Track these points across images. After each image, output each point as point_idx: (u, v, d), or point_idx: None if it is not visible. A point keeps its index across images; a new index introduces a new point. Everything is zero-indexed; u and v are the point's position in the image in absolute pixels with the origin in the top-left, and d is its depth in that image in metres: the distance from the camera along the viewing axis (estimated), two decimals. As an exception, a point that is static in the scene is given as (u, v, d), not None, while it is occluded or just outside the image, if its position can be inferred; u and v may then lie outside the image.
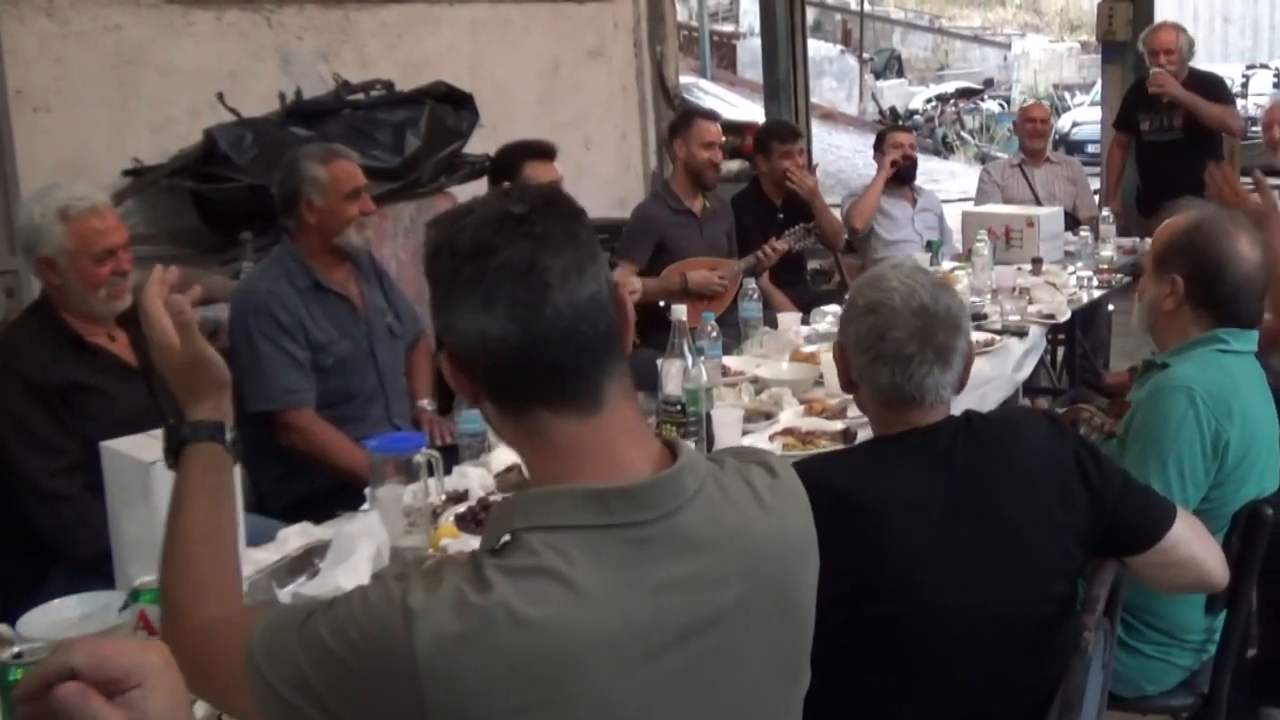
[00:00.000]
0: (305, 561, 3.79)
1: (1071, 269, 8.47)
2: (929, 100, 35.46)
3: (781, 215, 8.66)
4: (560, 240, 2.03)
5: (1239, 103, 25.04)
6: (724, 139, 8.53)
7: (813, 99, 19.58)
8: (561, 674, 1.87)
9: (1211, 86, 10.31)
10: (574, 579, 1.92)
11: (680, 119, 8.55)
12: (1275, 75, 28.73)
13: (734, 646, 2.08)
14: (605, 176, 12.56)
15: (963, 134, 33.45)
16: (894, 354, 3.22)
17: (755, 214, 8.84)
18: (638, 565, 1.97)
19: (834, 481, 3.05)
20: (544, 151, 6.74)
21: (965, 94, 35.77)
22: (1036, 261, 8.48)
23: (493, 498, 4.32)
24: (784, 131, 9.34)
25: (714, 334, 5.71)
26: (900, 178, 9.84)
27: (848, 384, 3.43)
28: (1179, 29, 10.38)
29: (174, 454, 2.58)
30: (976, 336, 6.17)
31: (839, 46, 38.54)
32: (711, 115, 8.90)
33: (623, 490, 2.00)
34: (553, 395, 2.06)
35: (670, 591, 1.99)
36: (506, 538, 2.01)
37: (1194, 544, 3.43)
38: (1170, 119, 10.27)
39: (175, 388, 2.69)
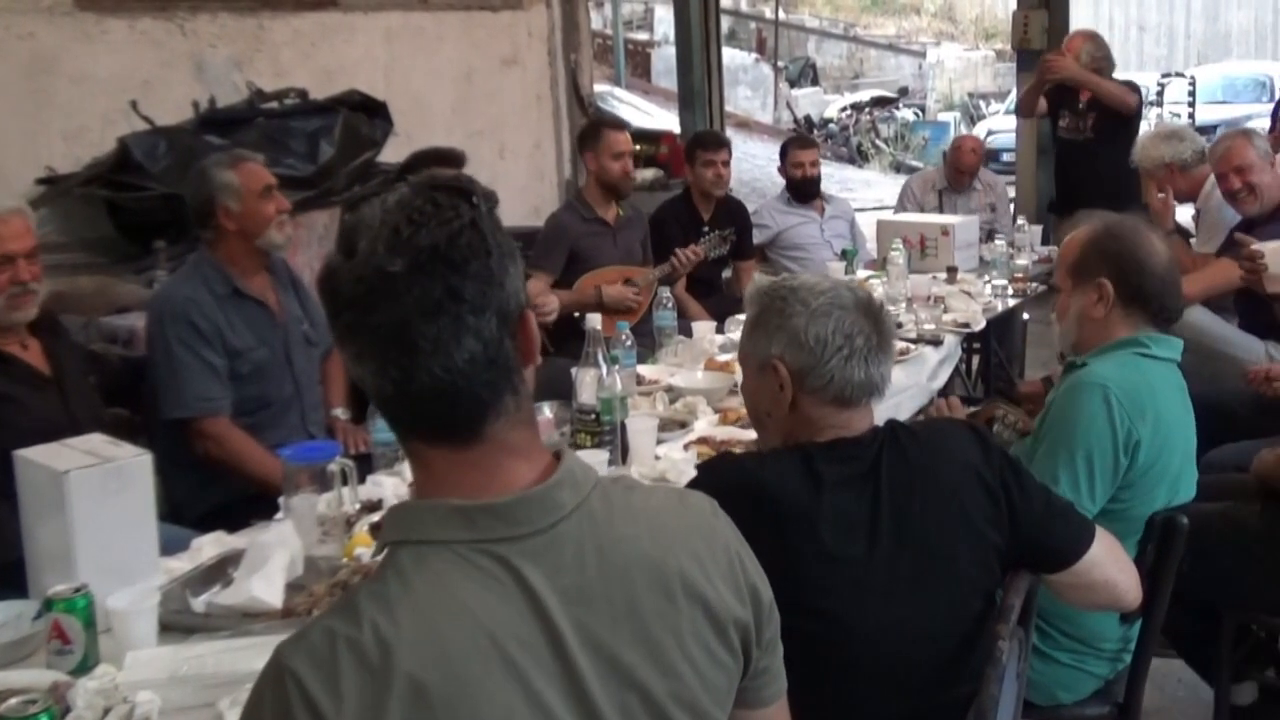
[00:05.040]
0: (219, 571, 3.79)
1: (986, 278, 8.52)
2: (844, 109, 35.53)
3: (707, 228, 8.66)
4: (439, 303, 1.98)
5: (1154, 111, 25.47)
6: (637, 147, 8.51)
7: (727, 107, 19.68)
8: (442, 690, 1.87)
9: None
10: (441, 596, 1.93)
11: (589, 130, 8.49)
12: (1190, 84, 28.89)
13: (638, 657, 2.07)
14: (519, 185, 12.55)
15: (878, 142, 33.52)
16: (865, 349, 3.24)
17: (682, 223, 8.88)
18: (506, 580, 1.97)
19: (770, 486, 3.08)
20: (448, 159, 6.72)
21: (880, 102, 35.89)
22: (951, 270, 8.55)
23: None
24: (707, 139, 9.41)
25: (629, 343, 5.73)
26: (803, 195, 9.94)
27: (791, 400, 3.31)
28: (1088, 37, 10.46)
29: None
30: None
31: (754, 55, 38.58)
32: (619, 125, 8.85)
33: (488, 506, 2.00)
34: (427, 435, 2.06)
35: (546, 605, 1.99)
36: (385, 551, 2.03)
37: (1109, 567, 3.44)
38: (1084, 120, 10.38)
39: None
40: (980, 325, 7.73)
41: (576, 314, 6.68)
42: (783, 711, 2.43)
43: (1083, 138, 10.40)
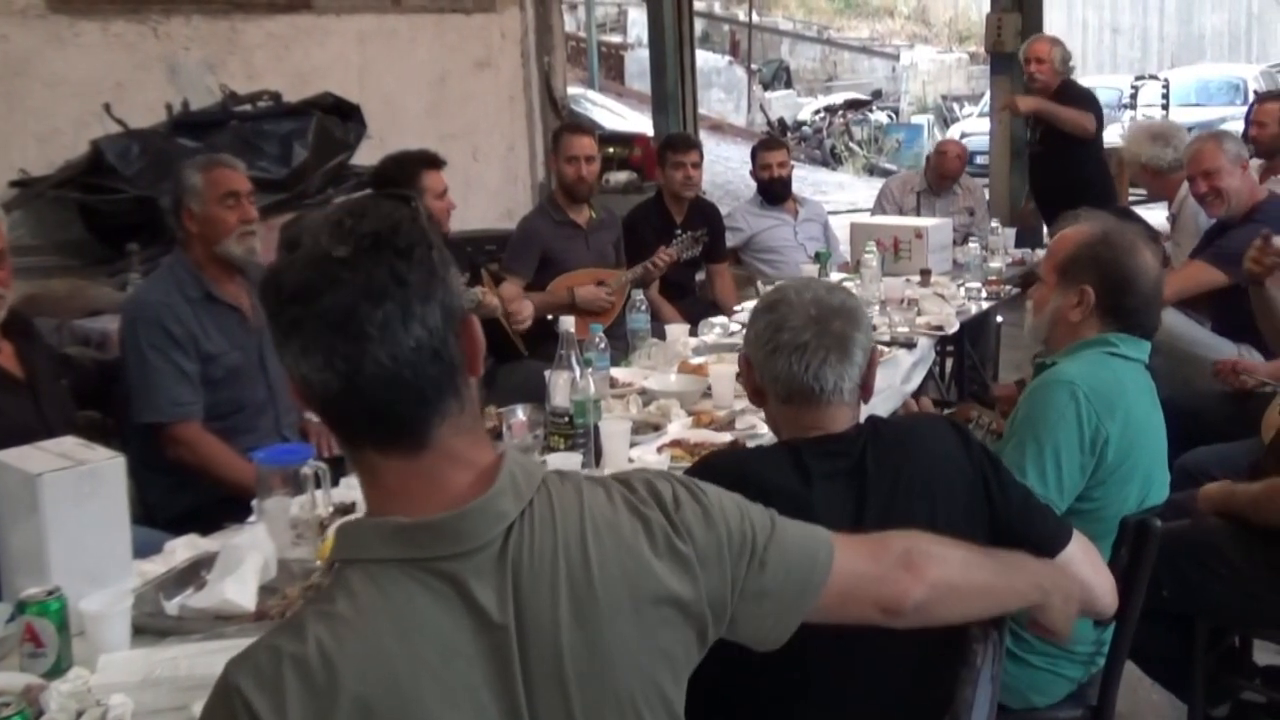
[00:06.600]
0: (192, 573, 3.78)
1: (960, 281, 8.54)
2: (817, 111, 35.46)
3: (680, 230, 8.67)
4: (384, 287, 1.98)
5: (1128, 114, 25.56)
6: (610, 150, 8.51)
7: (701, 110, 19.64)
8: (388, 710, 1.89)
9: (1075, 97, 10.50)
10: (388, 615, 1.94)
11: (555, 134, 8.60)
12: (1163, 86, 28.94)
13: (586, 668, 2.08)
14: (493, 187, 12.56)
15: (851, 145, 33.50)
16: (790, 343, 3.27)
17: (654, 225, 8.88)
18: (452, 598, 1.99)
19: (762, 478, 3.07)
20: (438, 161, 6.73)
21: (853, 105, 35.82)
22: (925, 273, 8.53)
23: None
24: (677, 141, 9.45)
25: (602, 345, 5.69)
26: (775, 196, 9.96)
27: (755, 394, 3.47)
28: (1054, 41, 10.61)
29: None
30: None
31: (727, 57, 38.58)
32: (582, 129, 8.87)
33: (427, 524, 2.00)
34: (377, 437, 2.04)
35: (493, 621, 2.00)
36: (334, 569, 2.05)
37: (1086, 568, 3.42)
38: (1035, 134, 10.63)
39: None
40: (954, 328, 7.72)
41: (550, 316, 6.68)
42: (850, 562, 2.60)
43: (1035, 150, 10.74)
